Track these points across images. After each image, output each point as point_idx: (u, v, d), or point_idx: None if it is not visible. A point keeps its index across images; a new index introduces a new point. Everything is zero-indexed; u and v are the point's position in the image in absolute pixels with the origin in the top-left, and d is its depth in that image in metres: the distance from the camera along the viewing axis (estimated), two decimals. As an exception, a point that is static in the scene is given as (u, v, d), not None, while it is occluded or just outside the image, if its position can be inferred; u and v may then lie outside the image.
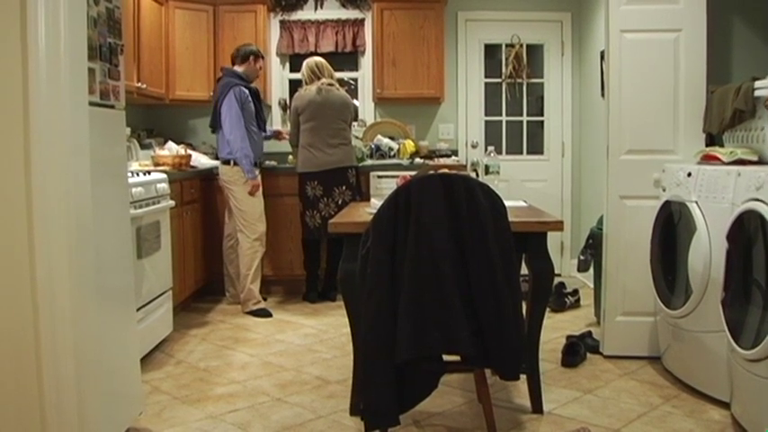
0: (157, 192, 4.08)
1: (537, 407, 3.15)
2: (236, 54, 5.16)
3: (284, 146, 5.76)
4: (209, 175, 5.45)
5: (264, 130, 5.34)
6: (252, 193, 5.03)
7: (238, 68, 5.11)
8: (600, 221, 4.24)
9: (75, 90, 2.34)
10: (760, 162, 3.21)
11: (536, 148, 6.48)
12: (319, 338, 4.44)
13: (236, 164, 4.97)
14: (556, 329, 4.50)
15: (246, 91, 5.01)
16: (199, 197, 5.29)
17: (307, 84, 5.29)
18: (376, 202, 3.06)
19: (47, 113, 2.24)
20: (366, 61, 6.32)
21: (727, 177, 3.08)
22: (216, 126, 5.07)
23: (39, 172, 2.25)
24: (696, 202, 3.28)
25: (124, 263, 2.87)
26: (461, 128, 6.41)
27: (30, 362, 2.28)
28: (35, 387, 2.29)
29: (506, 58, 6.38)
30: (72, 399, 2.32)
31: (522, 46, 6.36)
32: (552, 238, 3.03)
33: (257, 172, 5.07)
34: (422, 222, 2.53)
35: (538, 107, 6.50)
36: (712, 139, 3.75)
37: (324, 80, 5.24)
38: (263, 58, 5.29)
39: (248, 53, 5.14)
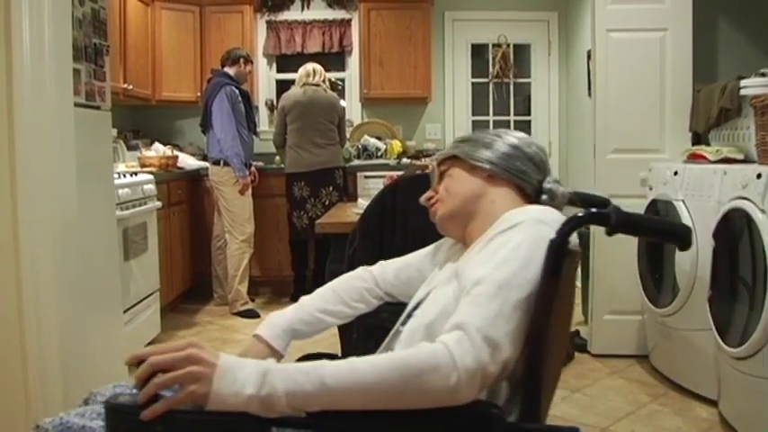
0: (144, 193, 4.06)
1: (525, 406, 3.15)
2: (227, 57, 5.13)
3: (272, 146, 5.74)
4: (197, 176, 5.43)
5: (255, 133, 5.31)
6: (242, 192, 5.00)
7: (229, 70, 5.09)
8: (587, 220, 4.25)
9: (61, 91, 2.32)
10: (746, 160, 3.22)
11: (523, 147, 6.48)
12: (307, 339, 4.42)
13: (226, 164, 4.94)
14: (544, 328, 4.49)
15: (237, 91, 4.98)
16: (186, 198, 5.26)
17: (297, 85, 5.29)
18: (363, 203, 3.05)
19: (32, 114, 2.22)
20: (353, 61, 6.31)
21: (714, 176, 3.09)
22: (206, 126, 5.03)
23: (24, 173, 2.23)
24: (683, 201, 3.30)
25: (110, 264, 2.86)
26: (449, 128, 6.41)
27: (15, 365, 2.26)
28: (21, 391, 2.27)
29: (493, 58, 6.38)
30: (58, 402, 2.30)
31: (508, 46, 6.37)
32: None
33: (248, 172, 5.05)
34: (409, 222, 2.52)
35: (525, 107, 6.51)
36: (698, 138, 3.76)
37: (310, 80, 5.23)
38: (251, 62, 5.28)
39: (238, 56, 5.11)
